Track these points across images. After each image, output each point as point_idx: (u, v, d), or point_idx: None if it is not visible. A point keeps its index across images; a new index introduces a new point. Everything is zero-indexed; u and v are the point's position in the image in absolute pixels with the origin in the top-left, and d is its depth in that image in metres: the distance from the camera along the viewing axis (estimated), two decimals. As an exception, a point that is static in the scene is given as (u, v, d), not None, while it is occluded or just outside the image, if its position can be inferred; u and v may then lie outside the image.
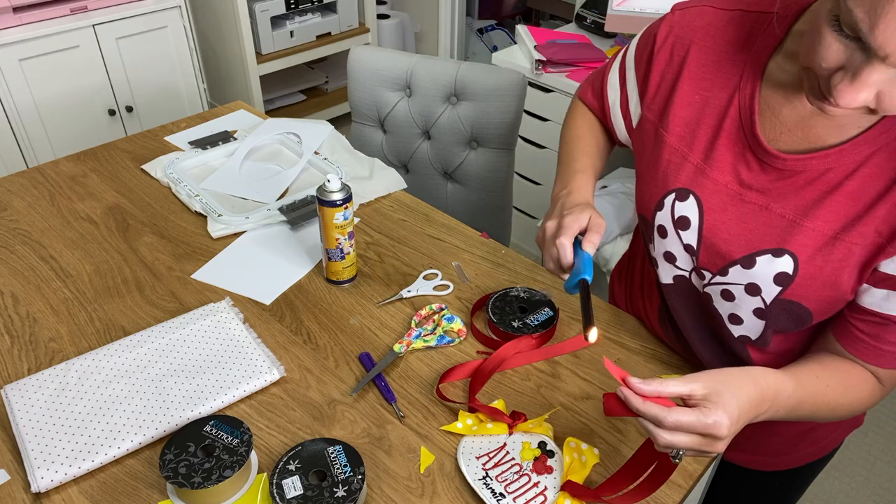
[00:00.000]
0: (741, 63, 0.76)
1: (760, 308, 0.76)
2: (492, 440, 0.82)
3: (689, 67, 0.79)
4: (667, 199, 0.81)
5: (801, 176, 0.71)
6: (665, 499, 0.77)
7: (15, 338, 0.97)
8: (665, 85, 0.82)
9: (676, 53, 0.81)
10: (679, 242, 0.81)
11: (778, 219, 0.73)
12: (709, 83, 0.78)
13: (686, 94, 0.80)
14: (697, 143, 0.78)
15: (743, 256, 0.75)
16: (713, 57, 0.78)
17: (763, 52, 0.74)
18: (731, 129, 0.76)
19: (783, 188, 0.73)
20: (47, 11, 2.17)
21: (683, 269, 0.83)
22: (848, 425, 0.95)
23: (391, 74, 1.61)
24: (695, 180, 0.78)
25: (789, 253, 0.72)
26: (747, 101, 0.74)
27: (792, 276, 0.72)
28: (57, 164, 1.37)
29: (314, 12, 2.95)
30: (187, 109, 2.62)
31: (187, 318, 0.98)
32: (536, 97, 2.10)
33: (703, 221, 0.78)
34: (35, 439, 0.80)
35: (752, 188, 0.75)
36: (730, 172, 0.76)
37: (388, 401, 0.88)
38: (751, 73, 0.75)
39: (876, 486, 1.83)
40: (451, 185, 1.69)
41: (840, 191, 0.69)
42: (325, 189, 0.99)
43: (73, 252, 1.13)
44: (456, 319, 0.99)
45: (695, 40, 0.79)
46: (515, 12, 3.94)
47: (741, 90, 0.75)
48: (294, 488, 0.73)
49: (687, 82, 0.80)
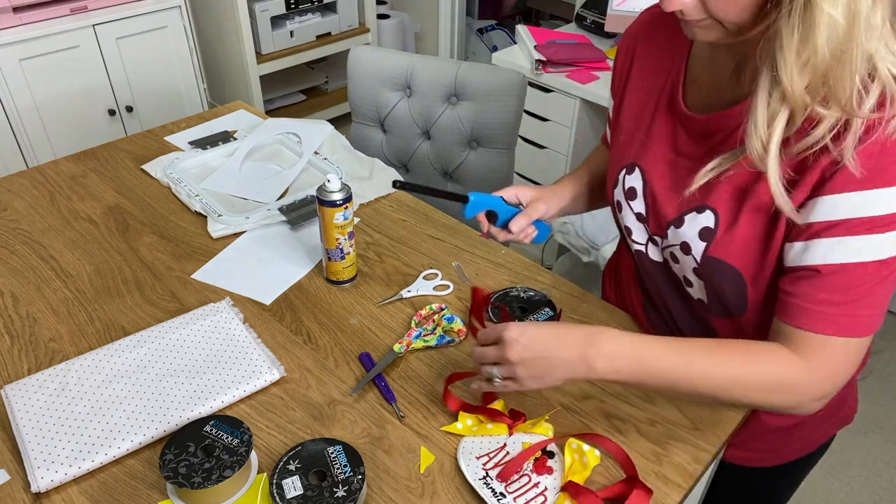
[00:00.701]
0: (675, 48, 0.85)
1: (696, 267, 0.80)
2: (492, 440, 0.82)
3: (637, 58, 0.90)
4: (620, 175, 0.89)
5: (718, 135, 0.77)
6: (665, 499, 0.77)
7: (15, 338, 0.97)
8: (624, 77, 0.92)
9: (629, 50, 0.91)
10: (631, 213, 0.88)
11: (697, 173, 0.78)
12: (652, 70, 0.88)
13: (635, 80, 0.90)
14: (642, 122, 0.87)
15: (675, 217, 0.81)
16: (653, 48, 0.88)
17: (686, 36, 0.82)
18: (664, 103, 0.84)
19: (705, 148, 0.79)
20: (47, 11, 2.17)
21: (640, 243, 0.89)
22: (836, 422, 0.96)
23: (391, 74, 1.61)
24: (639, 154, 0.86)
25: (710, 208, 0.76)
26: (675, 76, 0.83)
27: (713, 230, 0.76)
28: (57, 164, 1.37)
29: (314, 12, 2.95)
30: (187, 109, 2.61)
31: (187, 318, 0.98)
32: (536, 97, 2.10)
33: (647, 189, 0.85)
34: (35, 439, 0.80)
35: (683, 155, 0.82)
36: (667, 143, 0.84)
37: (388, 401, 0.88)
38: (680, 54, 0.84)
39: (876, 486, 1.83)
40: (451, 185, 1.69)
41: None
42: (325, 189, 0.99)
43: (73, 252, 1.13)
44: (456, 319, 0.99)
45: (640, 37, 0.90)
46: (515, 12, 3.94)
47: (672, 69, 0.84)
48: (294, 488, 0.73)
49: (636, 72, 0.90)
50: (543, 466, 0.79)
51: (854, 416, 0.98)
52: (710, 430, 0.85)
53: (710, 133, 0.78)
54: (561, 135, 2.13)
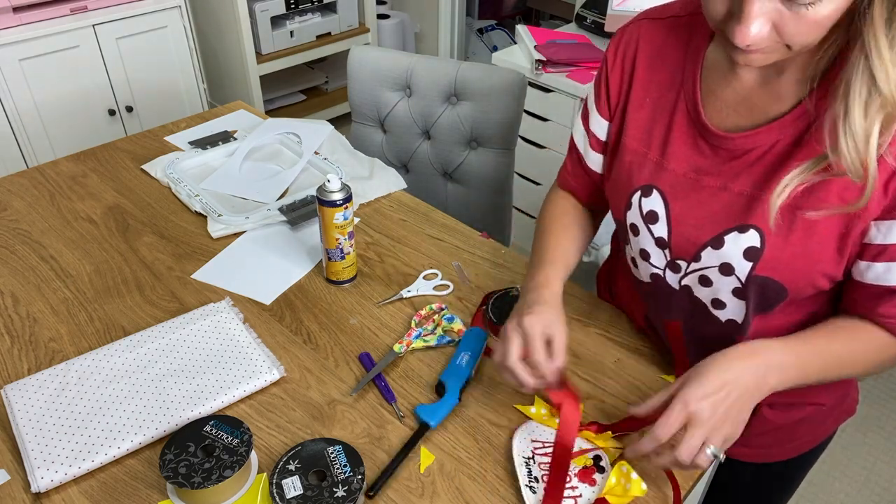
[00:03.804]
0: (681, 61, 0.81)
1: (738, 287, 0.78)
2: (554, 434, 0.81)
3: (638, 75, 0.85)
4: (633, 198, 0.85)
5: (753, 152, 0.75)
6: (665, 498, 0.77)
7: (15, 338, 0.97)
8: (622, 96, 0.87)
9: (626, 65, 0.86)
10: (650, 237, 0.84)
11: (737, 197, 0.76)
12: (656, 85, 0.83)
13: (638, 98, 0.85)
14: (654, 141, 0.83)
15: (711, 238, 0.78)
16: (656, 62, 0.84)
17: (699, 47, 0.80)
18: (681, 121, 0.81)
19: (737, 167, 0.76)
20: (47, 11, 2.17)
21: (657, 267, 0.85)
22: (840, 414, 0.97)
23: (391, 74, 1.61)
24: (655, 175, 0.82)
25: (753, 227, 0.74)
26: (690, 92, 0.80)
27: (760, 250, 0.74)
28: (57, 164, 1.37)
29: (314, 12, 2.94)
30: (187, 109, 2.61)
31: (187, 318, 0.98)
32: (536, 97, 2.10)
33: (670, 212, 0.81)
34: (35, 439, 0.80)
35: (708, 173, 0.78)
36: (686, 162, 0.80)
37: (388, 401, 0.88)
38: (691, 68, 0.80)
39: (876, 486, 1.83)
40: (451, 185, 1.69)
41: (791, 159, 0.72)
42: (325, 189, 0.99)
43: (73, 252, 1.13)
44: (456, 319, 0.99)
45: (639, 51, 0.85)
46: (515, 12, 3.94)
47: (684, 85, 0.81)
48: (294, 488, 0.73)
49: (638, 88, 0.85)
50: (588, 476, 0.79)
51: (856, 407, 0.98)
52: (710, 430, 0.84)
53: (743, 151, 0.75)
54: (561, 135, 2.13)
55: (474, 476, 0.80)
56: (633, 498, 0.77)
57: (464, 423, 0.86)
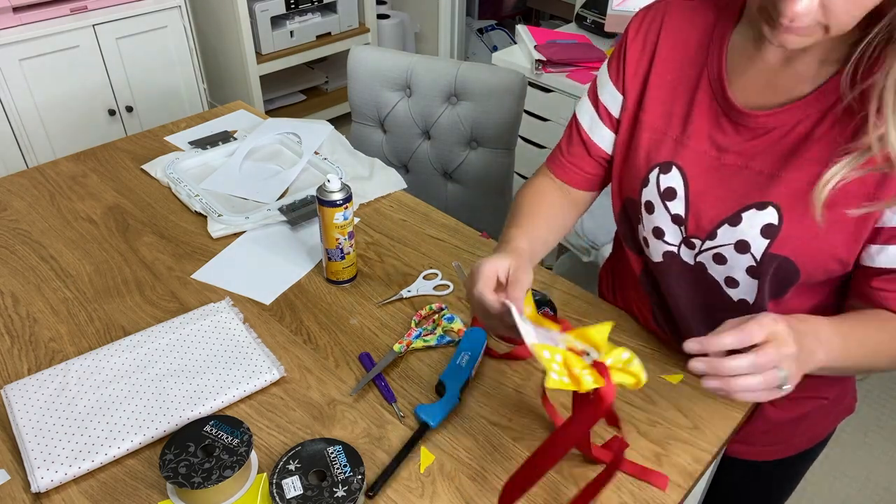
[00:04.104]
0: (706, 42, 0.82)
1: (752, 265, 0.78)
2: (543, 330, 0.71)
3: (660, 52, 0.85)
4: (651, 175, 0.85)
5: (775, 131, 0.75)
6: (665, 499, 0.77)
7: (15, 338, 0.97)
8: (641, 71, 0.87)
9: (648, 42, 0.87)
10: (667, 214, 0.84)
11: (757, 175, 0.76)
12: (679, 63, 0.84)
13: (659, 75, 0.85)
14: (674, 119, 0.84)
15: (729, 215, 0.78)
16: (680, 41, 0.84)
17: (725, 28, 0.81)
18: (703, 99, 0.81)
19: (759, 146, 0.77)
20: (47, 11, 2.17)
21: (672, 244, 0.86)
22: (839, 413, 0.97)
23: (391, 74, 1.61)
24: (675, 152, 0.83)
25: (772, 204, 0.75)
26: (716, 71, 0.80)
27: (778, 227, 0.75)
28: (57, 164, 1.37)
29: (314, 12, 2.94)
30: (187, 109, 2.61)
31: (187, 318, 0.98)
32: (536, 97, 2.10)
33: (689, 189, 0.82)
34: (35, 439, 0.80)
35: (729, 151, 0.79)
36: (707, 140, 0.81)
37: (388, 401, 0.88)
38: (717, 47, 0.81)
39: (876, 485, 1.83)
40: (451, 185, 1.69)
41: (812, 139, 0.73)
42: (325, 189, 0.99)
43: (73, 252, 1.13)
44: (456, 319, 0.99)
45: (663, 28, 0.86)
46: (515, 12, 3.94)
47: (709, 64, 0.81)
48: (294, 488, 0.73)
49: (660, 65, 0.85)
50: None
51: (855, 405, 0.99)
52: (710, 430, 0.85)
53: (766, 130, 0.76)
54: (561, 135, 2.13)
55: (474, 476, 0.80)
56: (637, 378, 0.67)
57: (464, 423, 0.86)
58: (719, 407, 0.87)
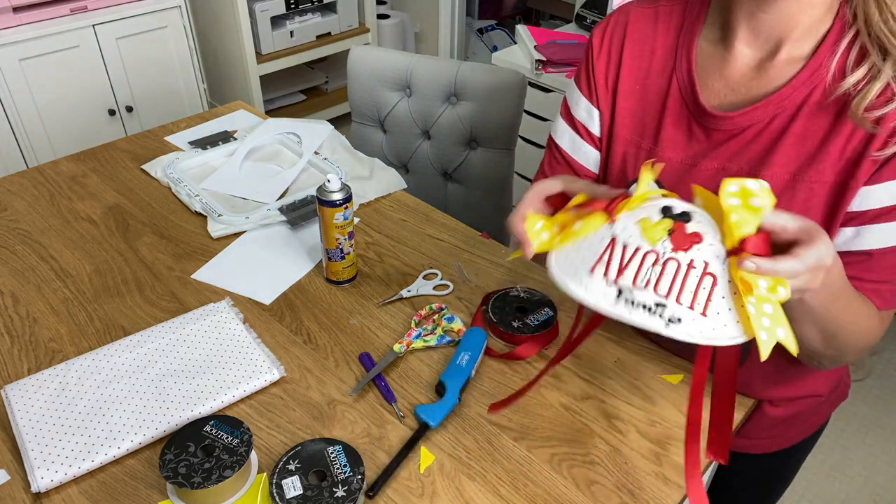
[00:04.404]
0: (672, 47, 0.81)
1: None
2: (593, 241, 0.58)
3: (626, 62, 0.84)
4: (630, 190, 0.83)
5: (750, 129, 0.75)
6: (665, 499, 0.77)
7: (15, 338, 0.97)
8: (610, 84, 0.86)
9: (613, 53, 0.86)
10: None
11: (736, 175, 0.75)
12: (645, 72, 0.83)
13: (627, 85, 0.84)
14: (647, 130, 0.83)
15: None
16: (646, 47, 0.83)
17: (691, 31, 0.80)
18: (674, 106, 0.81)
19: (734, 147, 0.77)
20: (47, 11, 2.17)
21: None
22: (834, 400, 0.98)
23: (391, 74, 1.61)
24: None
25: None
26: (685, 76, 0.79)
27: None
28: (57, 164, 1.37)
29: (314, 12, 2.95)
30: (187, 109, 2.62)
31: (187, 318, 0.98)
32: (536, 97, 2.10)
33: None
34: (35, 439, 0.80)
35: (704, 156, 0.79)
36: (681, 148, 0.80)
37: (388, 401, 0.88)
38: (685, 52, 0.80)
39: (876, 486, 1.83)
40: (451, 185, 1.69)
41: (788, 134, 0.73)
42: (325, 189, 0.99)
43: (73, 252, 1.13)
44: (456, 319, 0.99)
45: (626, 38, 0.84)
46: (515, 12, 3.94)
47: (678, 70, 0.80)
48: (294, 488, 0.73)
49: (626, 76, 0.84)
50: (684, 236, 0.56)
51: (848, 391, 1.00)
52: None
53: (740, 129, 0.76)
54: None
55: (474, 476, 0.80)
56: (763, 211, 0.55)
57: (464, 423, 0.86)
58: (719, 407, 0.87)
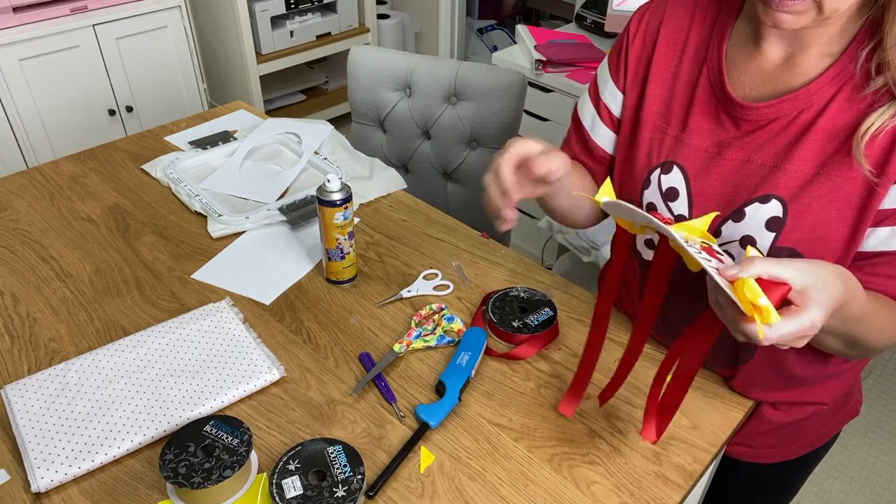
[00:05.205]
0: (706, 38, 0.82)
1: None
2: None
3: (659, 49, 0.85)
4: (652, 176, 0.84)
5: (776, 122, 0.75)
6: (665, 499, 0.77)
7: (15, 338, 0.97)
8: (641, 69, 0.87)
9: (648, 38, 0.86)
10: (670, 215, 0.83)
11: (759, 168, 0.76)
12: (677, 60, 0.84)
13: (659, 72, 0.85)
14: (674, 117, 0.83)
15: (732, 211, 0.78)
16: (681, 36, 0.84)
17: (725, 23, 0.80)
18: (703, 95, 0.81)
19: (760, 139, 0.76)
20: (47, 11, 2.17)
21: None
22: (843, 416, 0.96)
23: (391, 74, 1.61)
24: (675, 151, 0.82)
25: (775, 197, 0.74)
26: (715, 66, 0.80)
27: (783, 220, 0.74)
28: (57, 164, 1.37)
29: (314, 12, 2.95)
30: (187, 109, 2.62)
31: (187, 318, 0.98)
32: (536, 97, 2.10)
33: (691, 188, 0.81)
34: (35, 439, 0.80)
35: (730, 146, 0.78)
36: (707, 137, 0.80)
37: (388, 401, 0.88)
38: (716, 42, 0.80)
39: (876, 486, 1.83)
40: (451, 185, 1.69)
41: (814, 129, 0.72)
42: (325, 189, 0.99)
43: (73, 252, 1.13)
44: (456, 319, 0.99)
45: (663, 25, 0.85)
46: (515, 12, 3.94)
47: (709, 59, 0.81)
48: (294, 488, 0.73)
49: (659, 62, 0.85)
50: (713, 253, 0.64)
51: (860, 408, 0.98)
52: (709, 430, 0.85)
53: (767, 121, 0.75)
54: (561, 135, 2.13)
55: (474, 476, 0.80)
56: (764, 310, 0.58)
57: (464, 423, 0.86)
58: (719, 407, 0.87)
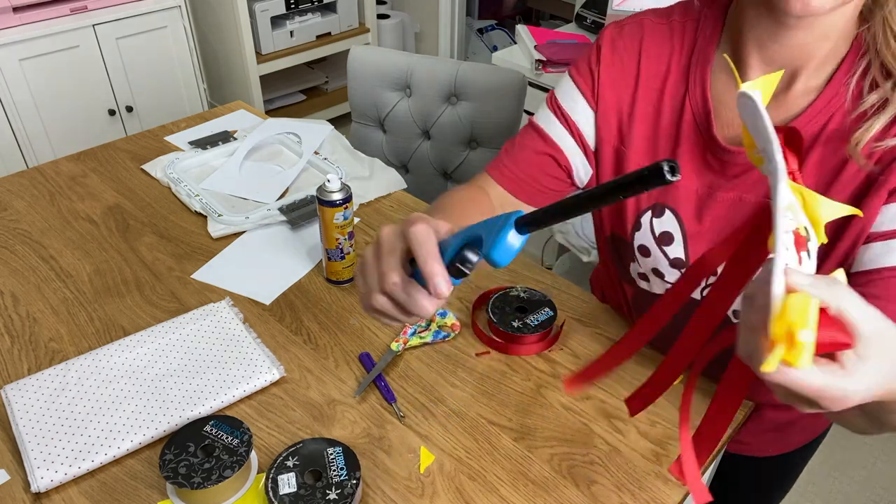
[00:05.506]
0: (685, 68, 0.77)
1: None
2: None
3: (642, 82, 0.80)
4: (643, 219, 0.81)
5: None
6: (665, 499, 0.77)
7: (15, 338, 0.97)
8: (624, 100, 0.81)
9: (628, 66, 0.80)
10: (665, 259, 0.81)
11: (754, 207, 0.74)
12: (658, 94, 0.79)
13: (641, 108, 0.80)
14: (660, 156, 0.79)
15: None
16: (661, 67, 0.79)
17: (704, 53, 0.76)
18: (688, 132, 0.77)
19: (750, 178, 0.74)
20: (47, 11, 2.17)
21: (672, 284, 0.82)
22: None
23: (391, 74, 1.61)
24: (666, 193, 0.79)
25: None
26: (699, 103, 0.76)
27: None
28: (57, 164, 1.37)
29: (314, 12, 2.95)
30: (187, 109, 2.62)
31: (187, 318, 0.98)
32: (536, 97, 2.10)
33: (686, 231, 0.78)
34: (35, 439, 0.80)
35: (721, 188, 0.76)
36: (696, 179, 0.77)
37: (388, 401, 0.88)
38: (698, 78, 0.76)
39: (876, 485, 1.83)
40: (451, 185, 1.69)
41: (805, 164, 0.71)
42: (325, 189, 0.99)
43: (73, 252, 1.13)
44: (449, 314, 0.99)
45: (643, 53, 0.80)
46: (515, 12, 3.94)
47: (691, 94, 0.76)
48: (288, 485, 0.73)
49: (642, 97, 0.80)
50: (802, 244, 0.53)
51: None
52: (709, 430, 0.84)
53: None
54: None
55: (474, 476, 0.80)
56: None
57: (464, 423, 0.86)
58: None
